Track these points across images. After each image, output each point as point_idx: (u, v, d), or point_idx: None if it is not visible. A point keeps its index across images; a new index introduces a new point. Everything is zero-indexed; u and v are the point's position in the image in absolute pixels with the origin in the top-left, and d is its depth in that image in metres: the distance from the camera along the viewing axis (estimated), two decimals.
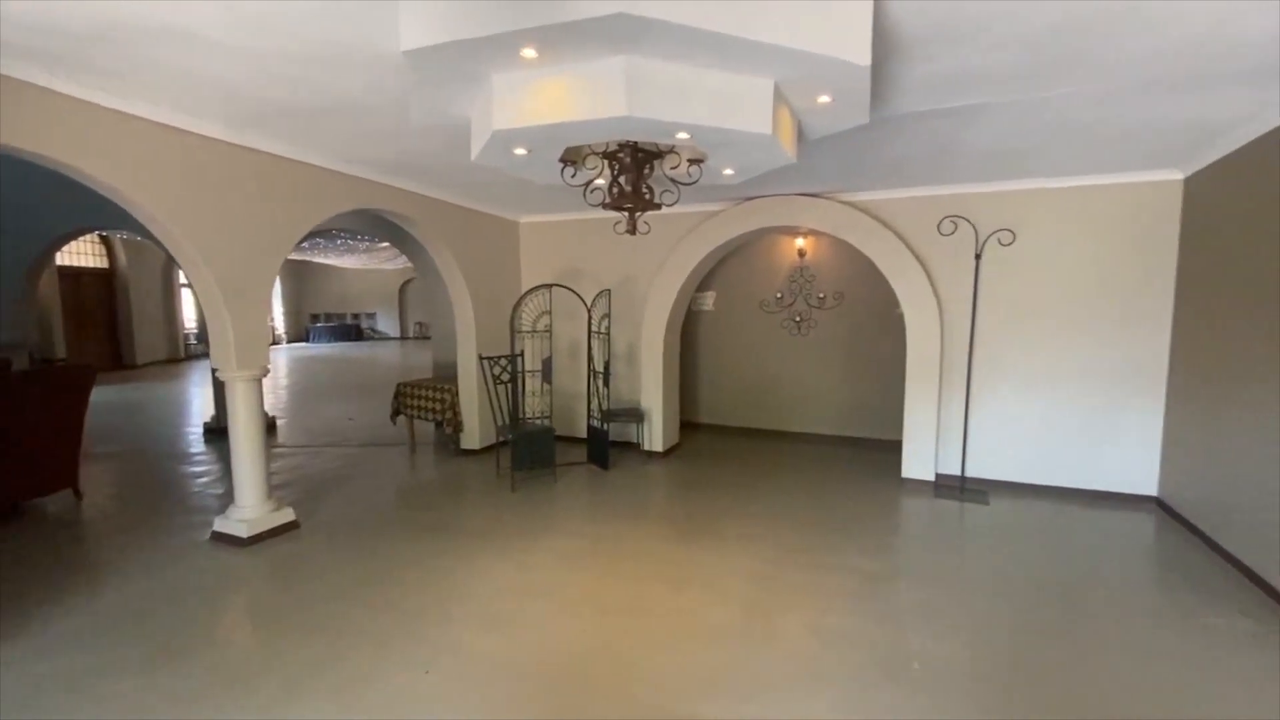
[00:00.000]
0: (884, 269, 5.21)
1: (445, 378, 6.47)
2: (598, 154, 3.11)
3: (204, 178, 3.53)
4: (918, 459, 5.21)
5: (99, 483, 5.17)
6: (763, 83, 2.56)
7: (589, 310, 5.66)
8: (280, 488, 4.98)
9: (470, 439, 6.14)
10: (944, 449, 5.20)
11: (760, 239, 6.75)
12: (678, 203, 3.92)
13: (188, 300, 15.51)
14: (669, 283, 5.94)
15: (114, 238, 13.12)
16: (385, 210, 4.95)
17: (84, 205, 6.26)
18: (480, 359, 5.46)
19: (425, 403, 6.20)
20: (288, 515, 4.12)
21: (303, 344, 20.75)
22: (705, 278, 6.75)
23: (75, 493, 4.73)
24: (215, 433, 6.82)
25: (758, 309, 7.01)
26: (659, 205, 3.30)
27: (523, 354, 5.45)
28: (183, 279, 14.84)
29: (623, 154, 3.03)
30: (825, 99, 2.71)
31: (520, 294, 6.22)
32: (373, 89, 2.96)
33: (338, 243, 10.68)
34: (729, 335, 7.20)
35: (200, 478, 5.36)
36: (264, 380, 4.09)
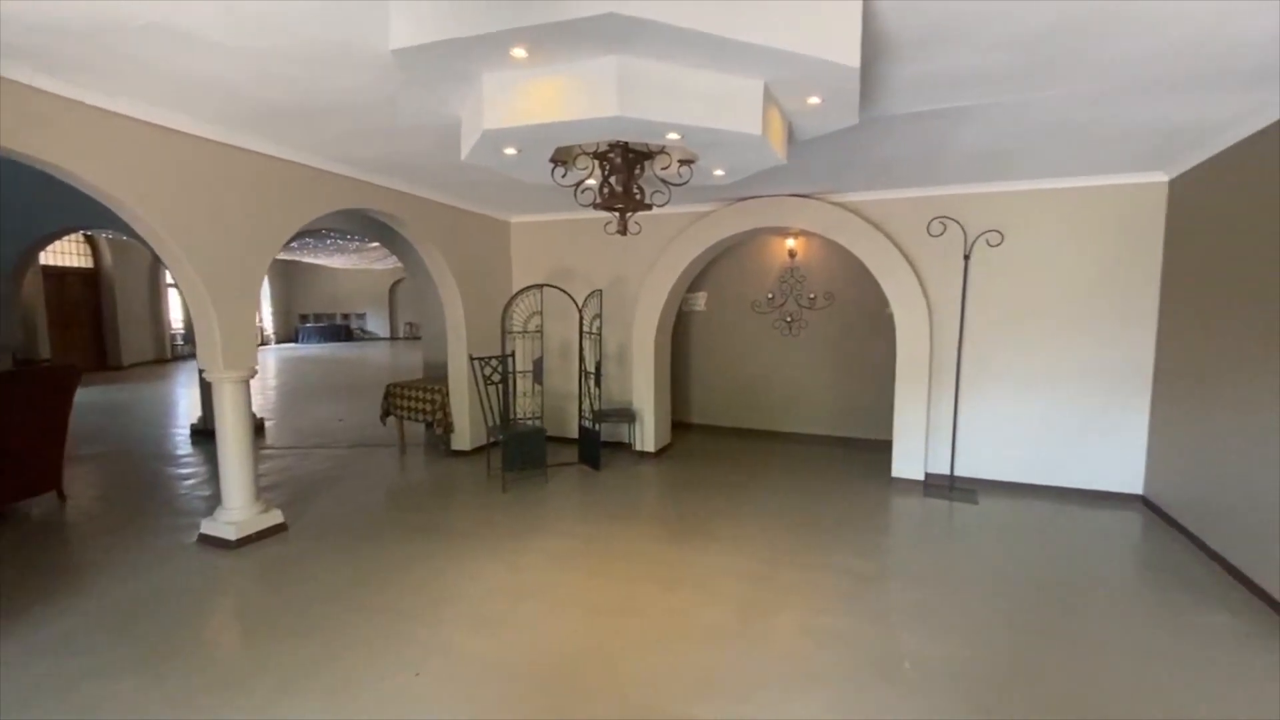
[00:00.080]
0: (874, 269, 5.24)
1: (436, 378, 6.45)
2: (588, 154, 3.11)
3: (190, 177, 3.49)
4: (907, 459, 5.24)
5: (84, 485, 5.11)
6: (753, 83, 2.57)
7: (580, 310, 5.65)
8: (268, 489, 4.94)
9: (461, 440, 6.11)
10: (933, 448, 5.23)
11: (751, 240, 6.76)
12: (669, 203, 3.92)
13: (174, 300, 15.34)
14: (660, 283, 5.94)
15: (99, 237, 12.97)
16: (375, 210, 4.93)
17: (68, 204, 6.19)
18: (471, 359, 5.44)
19: (415, 403, 6.17)
20: (276, 517, 4.09)
21: (292, 344, 20.59)
22: (696, 278, 6.76)
23: (59, 495, 4.67)
24: (202, 434, 6.75)
25: (749, 309, 7.02)
26: (650, 206, 3.30)
27: (514, 354, 5.43)
28: (169, 279, 14.68)
29: (613, 154, 3.03)
30: (815, 100, 2.72)
31: (511, 294, 6.21)
32: (362, 88, 2.94)
33: (327, 242, 10.61)
34: (720, 336, 7.22)
35: (187, 480, 5.31)
36: (252, 381, 4.06)
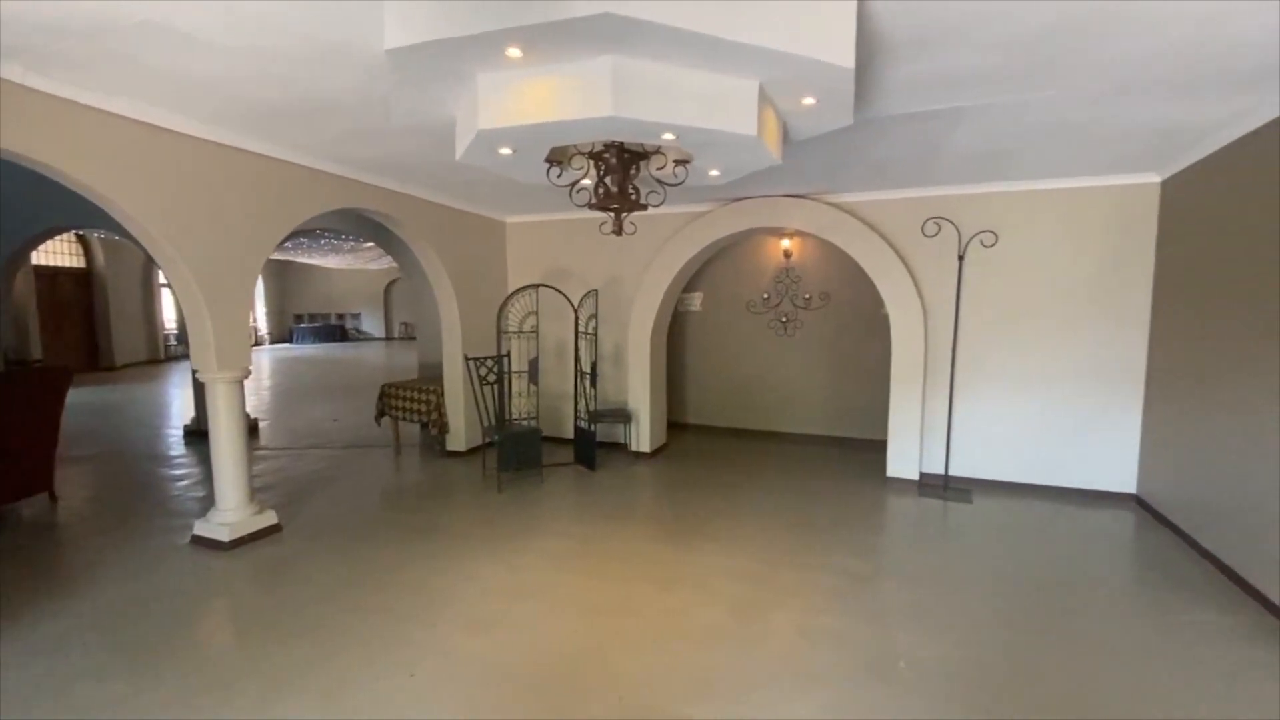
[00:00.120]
0: (869, 270, 5.25)
1: (431, 378, 6.43)
2: (583, 154, 3.11)
3: (183, 176, 3.47)
4: (902, 458, 5.26)
5: (76, 486, 5.07)
6: (748, 84, 2.57)
7: (576, 311, 5.64)
8: (262, 490, 4.92)
9: (456, 440, 6.10)
10: (928, 448, 5.25)
11: (746, 240, 6.77)
12: (664, 204, 3.92)
13: (168, 300, 15.27)
14: (656, 283, 5.94)
15: (91, 237, 12.89)
16: (370, 210, 4.91)
17: (59, 204, 6.13)
18: (466, 359, 5.43)
19: (410, 404, 6.16)
20: (270, 518, 4.07)
21: (286, 345, 20.51)
22: (692, 279, 6.76)
23: (51, 497, 4.64)
24: (196, 435, 6.72)
25: (744, 310, 7.03)
26: (645, 206, 3.30)
27: (509, 354, 5.42)
28: (162, 279, 14.60)
29: (609, 154, 3.03)
30: (810, 100, 2.72)
31: (507, 294, 6.19)
32: (358, 88, 2.93)
33: (322, 242, 10.56)
34: (716, 336, 7.22)
35: (180, 481, 5.28)
36: (246, 381, 4.04)
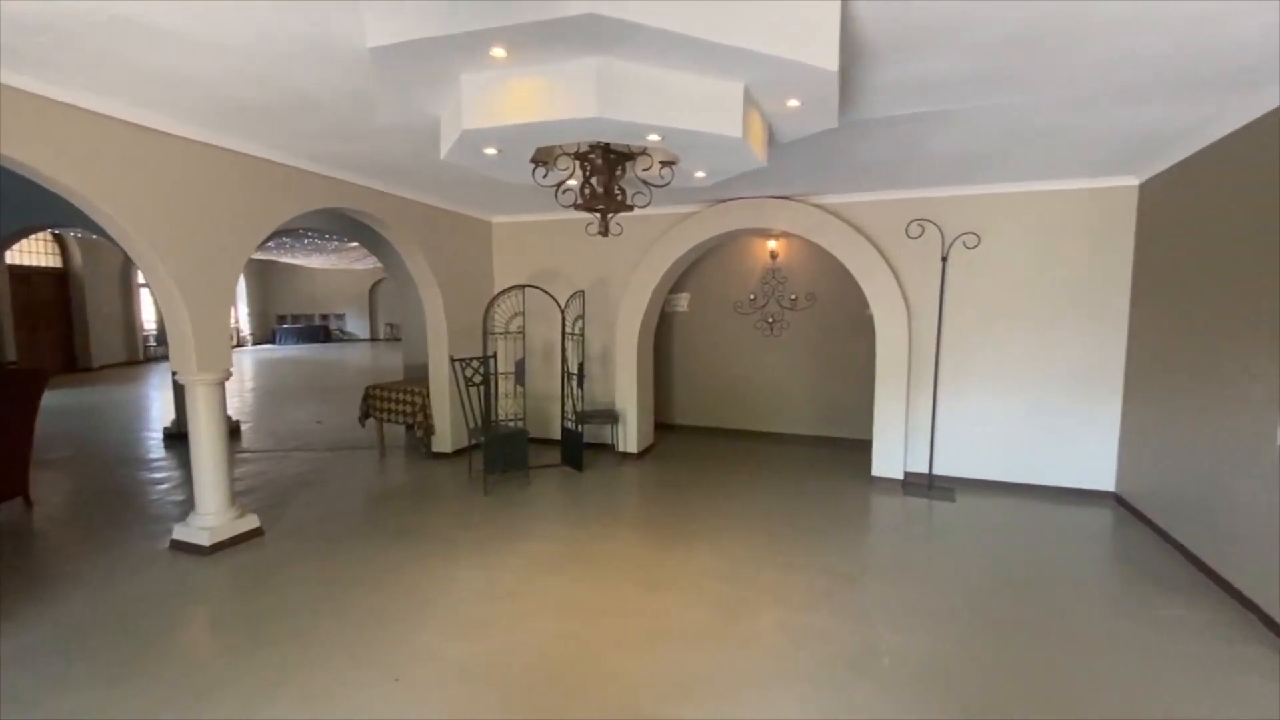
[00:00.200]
0: (854, 271, 5.29)
1: (416, 380, 6.38)
2: (569, 155, 3.10)
3: (161, 175, 3.42)
4: (887, 458, 5.30)
5: (52, 490, 4.97)
6: (733, 86, 2.58)
7: (563, 311, 5.63)
8: (244, 494, 4.85)
9: (442, 442, 6.06)
10: (912, 448, 5.29)
11: (733, 241, 6.79)
12: (650, 204, 3.93)
13: (147, 301, 15.01)
14: (643, 284, 5.94)
15: (68, 236, 12.65)
16: (354, 210, 4.86)
17: (34, 202, 6.01)
18: (452, 361, 5.39)
19: (395, 405, 6.11)
20: (252, 522, 4.02)
21: (269, 346, 20.26)
22: (679, 279, 6.77)
23: (26, 501, 4.54)
24: (176, 438, 6.61)
25: (731, 310, 7.05)
26: (631, 207, 3.30)
27: (495, 355, 5.40)
28: (141, 278, 14.37)
29: (594, 155, 3.03)
30: (795, 103, 2.74)
31: (493, 295, 6.17)
32: (336, 85, 2.90)
33: (305, 242, 10.46)
34: (703, 336, 7.24)
35: (159, 484, 5.19)
36: (228, 383, 3.98)
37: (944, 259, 4.95)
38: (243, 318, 20.20)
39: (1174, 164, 3.97)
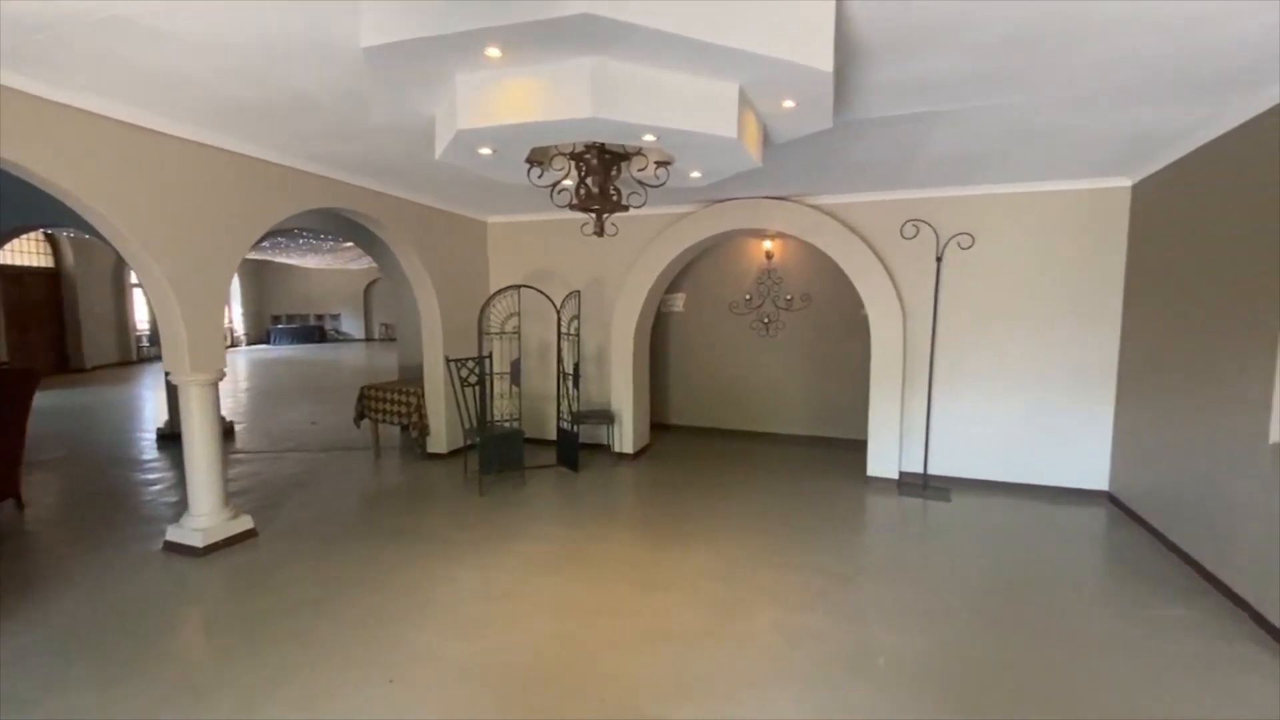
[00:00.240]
0: (849, 271, 5.30)
1: (411, 380, 6.37)
2: (564, 155, 3.10)
3: (156, 175, 3.40)
4: (882, 458, 5.31)
5: (44, 492, 4.94)
6: (728, 86, 2.58)
7: (558, 311, 5.62)
8: (238, 495, 4.83)
9: (437, 442, 6.04)
10: (907, 448, 5.31)
11: (728, 241, 6.80)
12: (645, 205, 3.93)
13: (140, 301, 14.94)
14: (638, 284, 5.94)
15: (60, 235, 12.57)
16: (349, 210, 4.85)
17: (25, 201, 5.97)
18: (447, 361, 5.38)
19: (390, 406, 6.09)
20: (245, 523, 4.00)
21: (263, 346, 20.18)
22: (675, 280, 6.77)
23: (18, 503, 4.51)
24: (169, 438, 6.58)
25: (727, 311, 7.06)
26: (626, 207, 3.30)
27: (491, 356, 5.39)
28: (134, 278, 14.28)
29: (589, 155, 3.02)
30: (790, 103, 2.74)
31: (488, 295, 6.15)
32: (332, 85, 2.89)
33: (300, 242, 10.42)
34: (698, 337, 7.24)
35: (153, 485, 5.17)
36: (222, 384, 3.96)
37: (939, 259, 4.97)
38: (237, 318, 20.12)
39: (1166, 165, 3.99)
